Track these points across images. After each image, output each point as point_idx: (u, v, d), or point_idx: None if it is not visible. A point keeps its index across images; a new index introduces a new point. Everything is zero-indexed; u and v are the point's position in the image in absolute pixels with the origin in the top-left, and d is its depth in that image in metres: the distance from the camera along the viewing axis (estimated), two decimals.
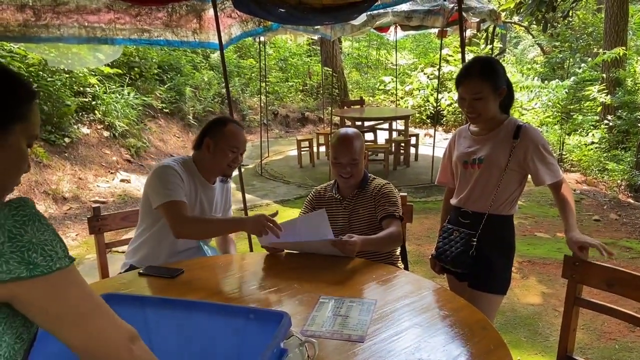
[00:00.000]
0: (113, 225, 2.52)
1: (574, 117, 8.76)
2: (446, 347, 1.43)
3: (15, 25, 2.30)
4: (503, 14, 9.28)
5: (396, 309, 1.66)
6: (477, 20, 6.53)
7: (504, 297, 2.13)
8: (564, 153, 8.29)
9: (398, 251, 2.41)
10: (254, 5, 2.53)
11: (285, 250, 2.21)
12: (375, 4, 2.51)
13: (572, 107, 8.92)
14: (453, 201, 2.20)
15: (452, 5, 5.85)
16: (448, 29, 8.19)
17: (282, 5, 2.48)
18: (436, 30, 7.86)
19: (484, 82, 1.94)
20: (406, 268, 2.40)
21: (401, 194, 2.44)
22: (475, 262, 2.03)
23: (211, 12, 2.70)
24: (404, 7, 5.83)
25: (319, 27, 5.93)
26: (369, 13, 5.73)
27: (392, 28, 9.09)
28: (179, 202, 2.06)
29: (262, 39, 7.71)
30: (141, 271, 1.97)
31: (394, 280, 1.90)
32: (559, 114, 8.84)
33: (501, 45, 17.61)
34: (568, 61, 11.59)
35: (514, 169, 2.01)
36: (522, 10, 6.42)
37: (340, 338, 1.48)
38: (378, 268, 2.00)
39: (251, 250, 3.23)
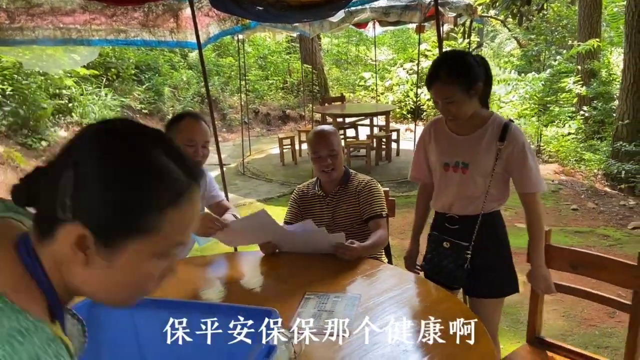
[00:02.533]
0: None
1: (550, 108, 8.91)
2: (429, 339, 1.45)
3: None
4: (479, 8, 9.42)
5: (380, 302, 1.68)
6: (454, 15, 6.59)
7: (503, 298, 2.01)
8: (541, 144, 8.43)
9: None
10: (232, 4, 2.52)
11: (277, 250, 2.20)
12: (352, 0, 2.52)
13: (548, 99, 9.07)
14: (435, 206, 2.06)
15: (429, 0, 5.90)
16: (426, 24, 8.25)
17: (259, 3, 2.47)
18: (414, 25, 7.92)
19: (454, 84, 1.78)
20: (390, 262, 2.43)
21: (384, 188, 2.46)
22: (473, 273, 1.89)
23: (188, 11, 2.68)
24: (382, 3, 5.86)
25: (297, 24, 5.93)
26: (347, 9, 5.75)
27: (370, 24, 9.11)
28: None
29: (240, 37, 7.67)
30: None
31: (378, 274, 1.93)
32: (536, 106, 8.98)
33: (478, 40, 17.81)
34: (544, 54, 11.78)
35: (500, 171, 1.87)
36: (497, 4, 6.50)
37: (326, 333, 1.49)
38: (362, 263, 2.02)
39: (235, 250, 3.23)
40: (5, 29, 2.28)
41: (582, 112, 8.68)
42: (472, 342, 1.40)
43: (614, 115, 7.82)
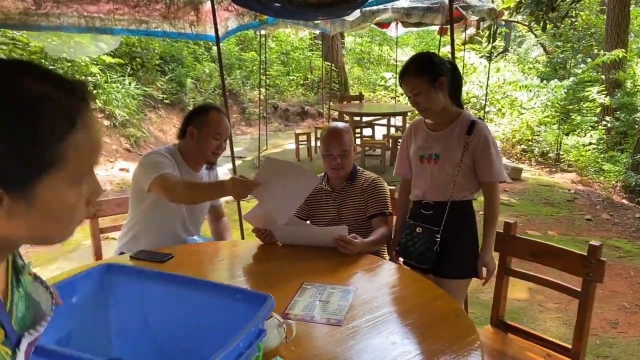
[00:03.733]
0: (108, 211, 2.59)
1: (572, 117, 8.80)
2: (420, 333, 1.49)
3: (16, 13, 2.35)
4: (506, 12, 9.32)
5: (375, 296, 1.72)
6: (476, 18, 6.56)
7: (470, 280, 2.19)
8: (561, 153, 8.34)
9: None
10: None
11: (279, 243, 2.26)
12: (368, 0, 2.55)
13: (571, 107, 8.96)
14: (412, 196, 2.25)
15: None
16: (448, 26, 8.25)
17: None
18: (437, 27, 7.90)
19: (418, 77, 2.03)
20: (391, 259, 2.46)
21: (390, 187, 2.49)
22: (440, 255, 2.08)
23: (208, 4, 2.74)
24: (404, 3, 5.87)
25: (318, 21, 5.97)
26: (368, 9, 5.78)
27: (393, 24, 9.12)
28: (169, 174, 2.07)
29: (263, 32, 7.74)
30: (132, 255, 2.03)
31: (376, 269, 1.97)
32: (558, 114, 8.88)
33: (503, 44, 17.61)
34: (570, 61, 11.61)
35: (468, 162, 2.08)
36: (522, 9, 6.45)
37: (319, 321, 1.54)
38: (362, 258, 2.06)
39: (242, 237, 3.30)
40: (32, 14, 2.38)
41: (604, 123, 8.55)
42: (460, 336, 1.44)
43: (637, 127, 7.70)
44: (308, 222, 2.49)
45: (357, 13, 4.48)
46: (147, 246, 2.18)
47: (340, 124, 2.48)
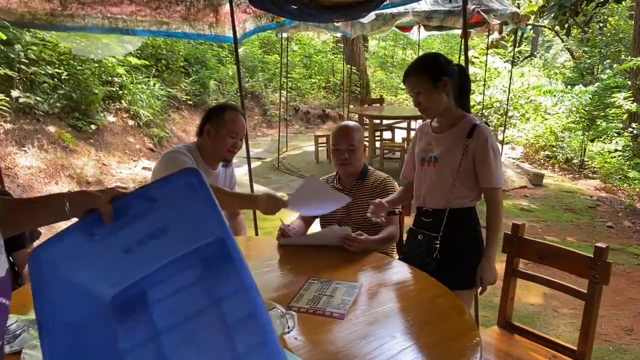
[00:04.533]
0: None
1: (598, 123, 8.63)
2: (420, 328, 1.52)
3: (43, 13, 2.47)
4: (532, 17, 9.21)
5: (379, 293, 1.75)
6: (499, 22, 6.52)
7: (474, 290, 2.13)
8: (585, 159, 8.20)
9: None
10: (269, 2, 2.64)
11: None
12: (384, 3, 2.59)
13: (596, 113, 8.79)
14: (414, 201, 2.23)
15: (473, 6, 5.86)
16: (471, 30, 8.19)
17: (294, 2, 2.58)
18: (460, 31, 7.86)
19: (420, 76, 2.00)
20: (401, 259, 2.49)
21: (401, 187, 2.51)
22: (440, 263, 2.03)
23: (227, 7, 2.82)
24: (425, 7, 5.87)
25: (339, 24, 6.02)
26: (389, 12, 5.80)
27: (415, 28, 9.11)
28: None
29: (284, 35, 7.83)
30: None
31: (382, 267, 2.00)
32: (583, 119, 8.73)
33: (529, 49, 17.38)
34: (597, 67, 11.39)
35: (467, 166, 2.02)
36: (545, 13, 6.38)
37: (322, 314, 1.58)
38: (370, 256, 2.08)
39: (257, 234, 3.36)
40: (58, 15, 2.49)
41: (630, 129, 8.37)
42: (461, 334, 1.46)
43: None
44: (317, 219, 2.54)
45: (372, 15, 4.51)
46: None
47: (351, 123, 2.53)
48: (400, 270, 1.98)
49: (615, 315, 3.22)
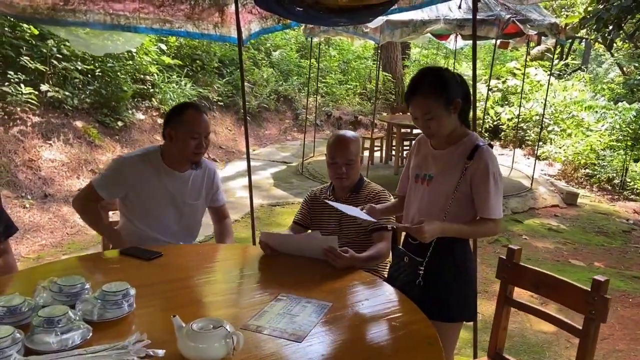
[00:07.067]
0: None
1: None
2: (384, 357, 1.40)
3: (44, 8, 2.48)
4: (581, 30, 8.78)
5: (349, 314, 1.63)
6: (536, 32, 6.24)
7: (460, 325, 1.97)
8: (627, 180, 7.76)
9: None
10: (274, 3, 2.56)
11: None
12: (391, 7, 2.47)
13: None
14: (403, 219, 2.05)
15: (508, 15, 5.63)
16: (511, 40, 7.89)
17: (299, 4, 2.50)
18: (500, 41, 7.58)
19: (433, 99, 1.78)
20: None
21: None
22: (424, 291, 1.85)
23: (233, 7, 2.77)
24: (457, 15, 5.67)
25: (367, 30, 5.90)
26: (419, 18, 5.64)
27: (452, 36, 8.88)
28: (93, 188, 2.24)
29: (315, 39, 7.78)
30: (122, 250, 2.06)
31: (363, 287, 1.86)
32: (627, 138, 8.27)
33: (576, 62, 16.71)
34: None
35: (464, 190, 1.83)
36: (587, 25, 6.05)
37: (279, 336, 1.47)
38: (353, 273, 1.95)
39: (254, 243, 3.27)
40: (59, 9, 2.50)
41: None
42: None
43: None
44: (309, 231, 2.43)
45: (379, 20, 4.38)
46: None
47: (349, 133, 2.41)
48: (380, 292, 1.84)
49: (635, 351, 2.97)
